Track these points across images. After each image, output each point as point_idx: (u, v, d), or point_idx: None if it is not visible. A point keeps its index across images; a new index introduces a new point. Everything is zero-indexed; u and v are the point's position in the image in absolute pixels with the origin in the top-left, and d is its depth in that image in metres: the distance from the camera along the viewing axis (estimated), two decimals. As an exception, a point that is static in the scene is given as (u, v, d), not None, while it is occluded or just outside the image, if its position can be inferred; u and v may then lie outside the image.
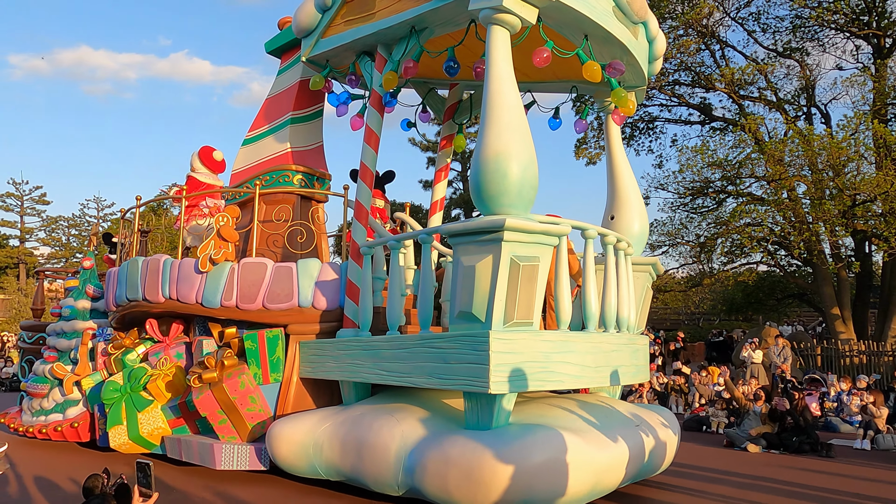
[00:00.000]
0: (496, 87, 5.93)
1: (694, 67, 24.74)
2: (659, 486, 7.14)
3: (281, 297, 7.62)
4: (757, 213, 21.24)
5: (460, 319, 5.78)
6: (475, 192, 5.80)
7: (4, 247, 51.52)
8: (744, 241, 21.39)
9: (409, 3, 7.02)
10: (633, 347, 7.11)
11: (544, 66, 6.50)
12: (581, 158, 28.00)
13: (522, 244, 5.55)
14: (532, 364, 5.64)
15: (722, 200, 24.31)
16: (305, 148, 9.51)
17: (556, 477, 5.36)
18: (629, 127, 28.08)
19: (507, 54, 6.09)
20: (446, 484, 5.44)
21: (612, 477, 5.90)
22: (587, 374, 6.17)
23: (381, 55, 7.72)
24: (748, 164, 21.68)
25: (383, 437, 6.07)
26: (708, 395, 13.52)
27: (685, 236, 24.99)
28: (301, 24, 8.45)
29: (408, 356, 6.25)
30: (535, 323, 5.80)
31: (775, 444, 9.81)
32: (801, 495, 6.90)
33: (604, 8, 6.61)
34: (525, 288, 5.61)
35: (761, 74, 22.91)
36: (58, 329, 9.89)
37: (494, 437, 5.45)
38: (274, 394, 7.63)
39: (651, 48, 7.81)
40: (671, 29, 23.78)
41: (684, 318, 34.35)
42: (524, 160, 5.66)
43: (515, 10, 6.00)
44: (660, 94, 26.21)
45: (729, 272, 24.45)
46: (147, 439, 8.06)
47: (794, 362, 16.94)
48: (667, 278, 27.94)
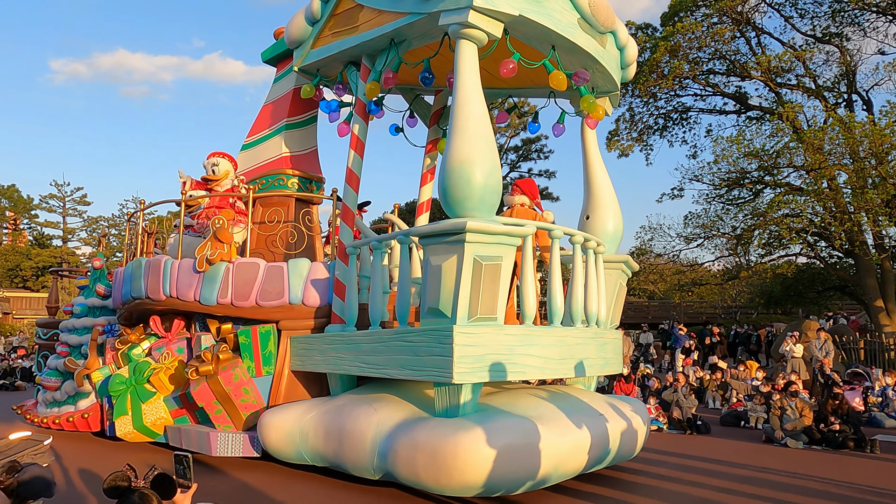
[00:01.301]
0: (463, 98, 6.34)
1: (729, 56, 24.45)
2: (689, 483, 7.10)
3: (272, 295, 8.10)
4: (796, 204, 20.92)
5: (429, 315, 6.22)
6: (442, 197, 6.23)
7: (48, 247, 52.97)
8: (782, 233, 21.06)
9: (388, 17, 7.45)
10: (601, 341, 7.49)
11: (520, 74, 6.93)
12: (613, 150, 28.12)
13: (485, 245, 5.96)
14: (495, 356, 6.06)
15: (759, 191, 23.93)
16: (300, 152, 9.99)
17: (516, 460, 5.77)
18: (662, 118, 27.98)
19: (474, 67, 6.50)
20: (415, 467, 5.89)
21: (572, 461, 6.31)
22: (550, 366, 6.58)
23: (365, 65, 8.16)
24: (786, 154, 21.31)
25: (361, 424, 6.53)
26: (744, 390, 13.34)
27: (721, 228, 24.73)
28: (292, 35, 8.92)
29: (384, 349, 6.71)
30: (500, 318, 6.22)
31: (817, 439, 9.58)
32: (840, 495, 6.68)
33: (569, 21, 6.98)
34: (488, 285, 6.03)
35: (799, 61, 22.52)
36: (70, 326, 10.46)
37: (459, 423, 5.88)
38: (266, 385, 8.12)
39: (622, 55, 8.17)
40: (705, 17, 23.50)
41: (721, 312, 33.88)
42: (487, 167, 6.07)
43: (481, 25, 6.41)
44: (694, 83, 25.90)
45: (767, 264, 24.07)
46: (151, 429, 8.60)
47: (836, 356, 16.39)
48: (702, 271, 27.87)
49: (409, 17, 7.11)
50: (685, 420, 11.18)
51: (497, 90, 9.36)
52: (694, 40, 23.36)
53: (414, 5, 6.96)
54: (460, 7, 6.37)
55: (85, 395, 9.75)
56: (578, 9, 7.01)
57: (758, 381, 13.12)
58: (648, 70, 24.07)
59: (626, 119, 27.94)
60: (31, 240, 54.69)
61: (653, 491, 6.73)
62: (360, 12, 7.96)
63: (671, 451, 9.11)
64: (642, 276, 29.15)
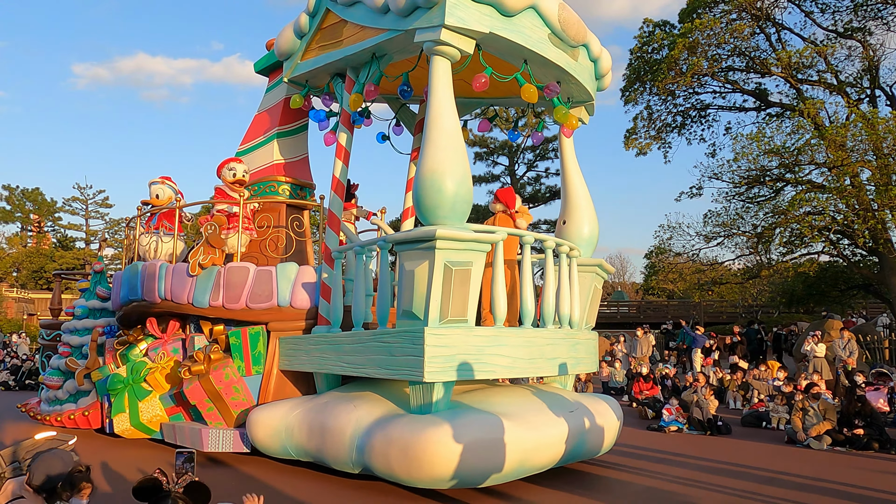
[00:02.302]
0: (436, 111, 6.70)
1: (748, 52, 24.13)
2: (708, 486, 6.97)
3: (262, 298, 8.47)
4: (818, 202, 20.51)
5: (403, 317, 6.59)
6: (416, 206, 6.59)
7: (71, 249, 53.78)
8: (804, 231, 20.80)
9: (369, 33, 7.81)
10: (573, 342, 7.83)
11: (500, 85, 7.26)
12: (631, 149, 27.89)
13: (455, 251, 6.31)
14: (465, 356, 6.41)
15: (780, 189, 23.61)
16: (292, 160, 10.36)
17: (483, 454, 6.12)
18: (680, 115, 27.70)
19: (447, 82, 6.85)
20: (388, 461, 6.25)
21: (540, 456, 6.65)
22: (519, 366, 6.92)
23: (349, 78, 8.52)
24: (807, 151, 20.99)
25: (341, 421, 6.90)
26: (766, 391, 13.21)
27: (741, 227, 24.43)
28: (281, 47, 9.30)
29: (363, 350, 7.07)
30: (471, 320, 6.57)
31: (840, 441, 9.46)
32: (864, 497, 6.58)
33: (539, 36, 7.32)
34: (458, 289, 6.39)
35: (820, 57, 22.19)
36: (71, 327, 10.87)
37: (430, 419, 6.23)
38: (256, 384, 8.50)
39: (596, 67, 8.50)
40: (723, 13, 23.17)
41: (741, 311, 33.55)
42: (458, 177, 6.42)
43: (453, 42, 6.77)
44: (712, 80, 25.55)
45: (788, 263, 23.71)
46: (147, 426, 9.01)
47: (861, 356, 16.05)
48: (722, 270, 27.39)
49: (388, 33, 7.47)
50: (705, 420, 11.05)
51: (479, 99, 9.70)
52: (713, 37, 23.08)
53: (392, 22, 7.31)
54: (433, 25, 6.73)
55: (86, 393, 10.17)
56: (549, 25, 7.34)
57: (779, 382, 12.99)
58: (667, 67, 23.86)
59: (644, 117, 27.73)
60: (54, 242, 55.63)
61: (667, 496, 6.61)
62: (344, 27, 8.32)
63: (691, 454, 9.02)
64: (661, 276, 29.01)
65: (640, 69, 26.80)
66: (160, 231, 9.89)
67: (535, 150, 36.81)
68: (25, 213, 55.94)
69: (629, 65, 27.75)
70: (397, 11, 7.09)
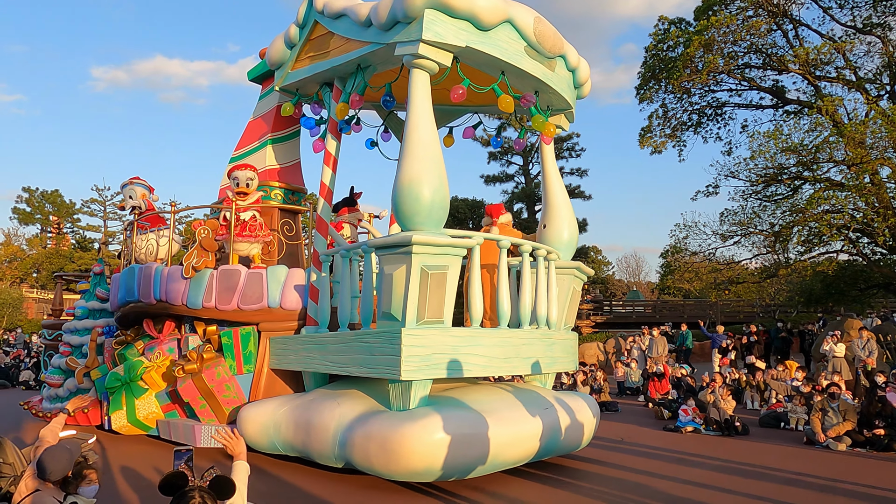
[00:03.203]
0: (413, 122, 7.02)
1: (765, 49, 23.80)
2: (716, 489, 6.80)
3: (252, 299, 8.80)
4: (836, 200, 20.14)
5: (383, 318, 6.92)
6: (395, 213, 6.91)
7: (90, 250, 54.28)
8: (822, 229, 20.43)
9: (354, 45, 8.15)
10: (549, 342, 8.13)
11: (485, 94, 7.58)
12: (645, 147, 27.61)
13: (431, 255, 6.63)
14: (441, 356, 6.74)
15: (797, 187, 23.30)
16: (284, 165, 10.68)
17: (458, 449, 6.42)
18: (696, 114, 27.40)
19: (425, 94, 7.17)
20: (368, 455, 6.57)
21: (513, 451, 6.96)
22: (494, 364, 7.24)
23: (336, 87, 8.85)
24: (826, 148, 20.67)
25: (325, 418, 7.23)
26: (784, 391, 12.97)
27: (758, 225, 24.07)
28: (273, 57, 9.64)
29: (346, 349, 7.40)
30: (447, 321, 6.89)
31: (860, 442, 9.32)
32: (885, 499, 6.48)
33: (515, 49, 7.63)
34: (434, 292, 6.70)
35: (839, 53, 21.87)
36: (72, 327, 11.24)
37: (407, 416, 6.55)
38: (248, 382, 8.84)
39: (574, 76, 8.80)
40: (739, 10, 22.79)
41: (759, 311, 33.10)
42: (434, 185, 6.74)
43: (431, 55, 7.09)
44: (729, 78, 25.15)
45: (806, 262, 23.29)
46: (143, 422, 9.37)
47: (881, 356, 15.73)
48: (739, 269, 27.10)
49: (371, 45, 7.80)
50: (722, 421, 10.84)
51: (464, 107, 10.01)
52: (729, 34, 22.78)
53: (375, 36, 7.64)
54: (412, 40, 7.05)
55: (85, 391, 10.53)
56: (525, 38, 7.65)
57: (798, 382, 12.81)
58: (682, 65, 23.66)
59: (660, 115, 27.48)
60: (73, 243, 56.21)
61: (680, 501, 6.44)
62: (331, 39, 8.66)
63: (708, 454, 8.92)
64: (677, 275, 28.49)
65: (655, 67, 26.57)
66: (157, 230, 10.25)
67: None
68: (45, 214, 56.70)
69: (644, 63, 27.48)
70: (379, 26, 7.42)
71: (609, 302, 42.47)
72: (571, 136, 35.86)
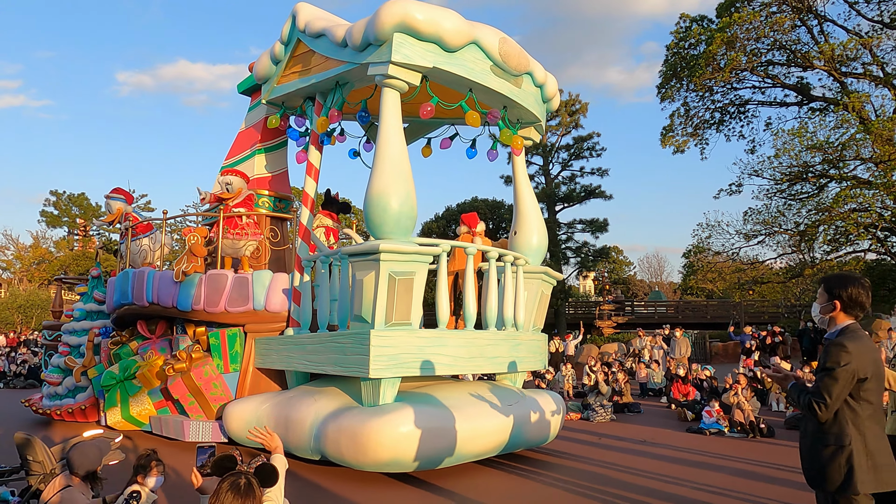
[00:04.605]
0: (384, 138, 7.54)
1: (789, 45, 23.55)
2: (744, 496, 6.65)
3: (239, 302, 9.33)
4: (863, 198, 19.99)
5: (355, 320, 7.44)
6: (366, 222, 7.43)
7: (116, 252, 55.10)
8: (849, 228, 20.29)
9: (332, 63, 8.66)
10: (514, 342, 8.64)
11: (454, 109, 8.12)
12: (668, 146, 27.40)
13: (398, 262, 7.15)
14: (408, 355, 7.26)
15: (823, 185, 23.07)
16: (272, 174, 11.21)
17: (423, 441, 6.94)
18: (718, 112, 27.17)
19: (395, 111, 7.69)
20: (339, 447, 7.10)
21: (477, 443, 7.47)
22: (459, 364, 7.77)
23: (318, 102, 9.37)
24: (852, 146, 20.45)
25: (302, 413, 7.75)
26: None
27: (783, 224, 23.91)
28: (259, 72, 10.18)
29: (322, 349, 7.93)
30: (414, 323, 7.41)
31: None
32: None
33: (482, 68, 8.14)
34: (402, 296, 7.22)
35: (865, 49, 21.56)
36: (70, 328, 11.79)
37: (375, 411, 7.08)
38: (234, 381, 9.36)
39: (542, 91, 9.31)
40: (763, 6, 22.55)
41: (784, 311, 32.81)
42: (401, 197, 7.26)
43: (400, 75, 7.61)
44: (752, 75, 24.86)
45: (833, 261, 23.11)
46: (137, 418, 9.91)
47: None
48: (763, 269, 26.82)
49: (347, 65, 8.32)
50: (747, 423, 10.81)
51: (441, 119, 10.52)
52: (752, 31, 22.52)
53: (350, 56, 8.16)
54: (383, 61, 7.57)
55: (83, 389, 11.07)
56: (490, 58, 8.15)
57: None
58: (704, 63, 23.44)
59: (681, 114, 27.27)
60: (99, 245, 57.09)
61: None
62: (312, 56, 9.18)
63: (732, 455, 8.95)
64: (700, 275, 28.38)
65: (676, 65, 26.40)
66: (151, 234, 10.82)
67: (570, 149, 36.42)
68: (72, 217, 57.69)
69: (665, 61, 27.37)
70: (353, 47, 7.94)
71: (631, 302, 42.62)
72: (592, 135, 35.84)
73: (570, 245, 36.79)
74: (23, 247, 56.88)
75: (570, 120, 35.87)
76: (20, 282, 53.75)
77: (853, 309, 3.34)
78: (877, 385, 3.16)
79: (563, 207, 36.74)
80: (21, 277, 53.91)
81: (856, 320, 3.36)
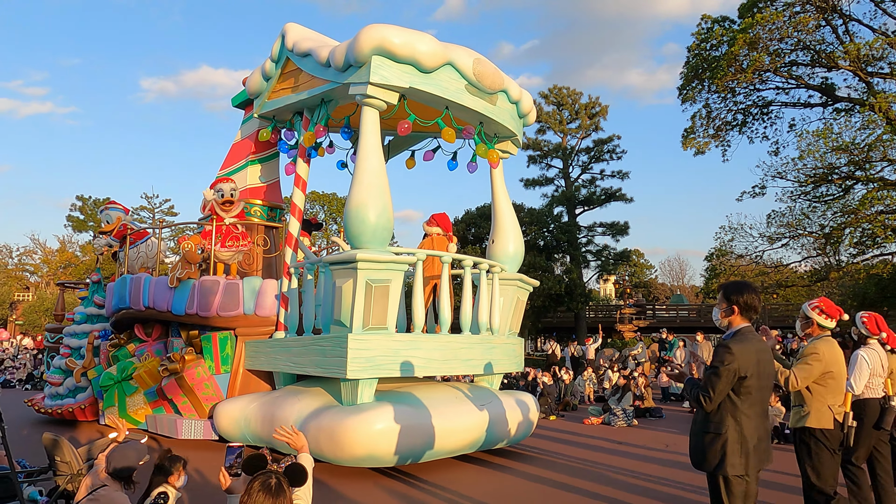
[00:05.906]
0: (363, 153, 8.04)
1: (813, 46, 23.14)
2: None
3: (230, 307, 9.82)
4: (891, 199, 19.77)
5: (334, 325, 7.94)
6: (346, 233, 7.93)
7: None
8: (876, 231, 19.97)
9: (318, 81, 9.17)
10: (488, 346, 9.12)
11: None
12: (689, 148, 26.99)
13: (375, 270, 7.64)
14: (384, 357, 7.75)
15: (849, 187, 22.70)
16: (265, 184, 11.72)
17: (400, 439, 7.42)
18: (741, 113, 26.72)
19: (374, 128, 8.19)
20: (318, 444, 7.58)
21: (450, 441, 7.96)
22: (433, 366, 8.26)
23: (306, 117, 9.88)
24: (879, 147, 20.14)
25: (286, 412, 8.25)
26: None
27: (808, 227, 23.57)
28: (251, 88, 10.69)
29: (306, 352, 8.43)
30: (390, 327, 7.90)
31: None
32: None
33: (457, 87, 8.64)
34: (378, 302, 7.72)
35: (892, 48, 21.22)
36: (71, 331, 12.32)
37: (353, 410, 7.57)
38: (225, 381, 9.86)
39: (518, 107, 9.80)
40: (786, 6, 22.17)
41: None
42: (378, 210, 7.76)
43: (379, 95, 8.11)
44: (775, 76, 24.47)
45: (859, 264, 22.79)
46: (133, 417, 10.41)
47: None
48: (787, 273, 26.28)
49: (331, 83, 8.83)
50: (771, 428, 10.79)
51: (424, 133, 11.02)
52: (775, 31, 22.14)
53: (333, 75, 8.67)
54: (362, 81, 8.07)
55: (83, 389, 11.59)
56: (465, 77, 8.64)
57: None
58: (726, 64, 23.11)
59: (703, 116, 26.93)
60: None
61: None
62: (300, 74, 9.69)
63: None
64: (723, 278, 27.62)
65: (697, 66, 26.10)
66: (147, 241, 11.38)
67: (590, 151, 36.30)
68: (97, 222, 58.15)
69: (686, 62, 27.07)
70: (336, 67, 8.45)
71: (652, 306, 42.54)
72: (612, 137, 35.80)
73: (590, 248, 36.79)
74: (50, 251, 57.98)
75: (591, 122, 35.97)
76: (47, 285, 54.66)
77: (748, 312, 3.83)
78: (758, 382, 3.65)
79: (583, 210, 36.81)
80: (48, 281, 54.84)
81: (750, 322, 3.85)
